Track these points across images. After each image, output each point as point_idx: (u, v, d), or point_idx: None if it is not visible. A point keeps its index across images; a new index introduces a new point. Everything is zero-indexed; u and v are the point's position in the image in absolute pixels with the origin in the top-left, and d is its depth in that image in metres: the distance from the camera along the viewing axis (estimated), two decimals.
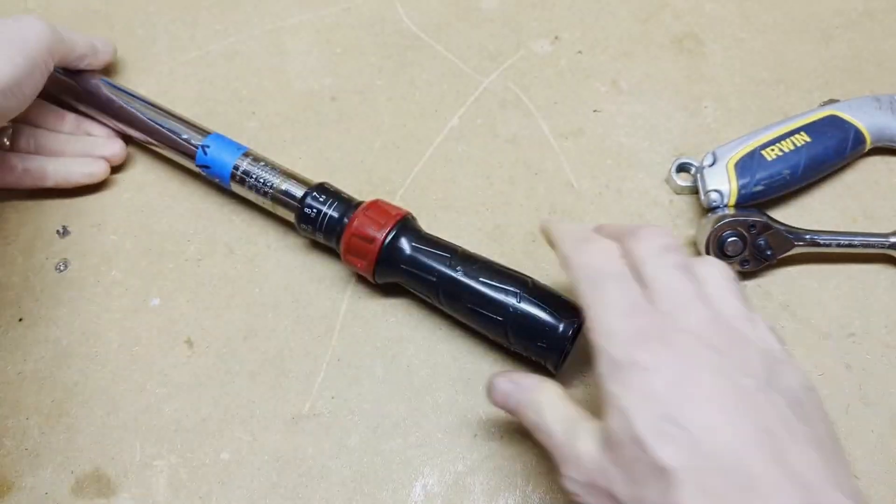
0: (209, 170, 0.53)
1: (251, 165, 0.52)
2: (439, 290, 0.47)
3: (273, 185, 0.51)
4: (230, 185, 0.53)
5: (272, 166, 0.53)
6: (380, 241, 0.48)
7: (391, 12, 0.67)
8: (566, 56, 0.64)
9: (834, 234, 0.52)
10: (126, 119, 0.56)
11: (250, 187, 0.52)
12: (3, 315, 0.51)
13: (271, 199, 0.52)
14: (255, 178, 0.52)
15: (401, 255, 0.48)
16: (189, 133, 0.54)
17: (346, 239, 0.49)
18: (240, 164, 0.52)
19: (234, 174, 0.52)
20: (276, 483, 0.46)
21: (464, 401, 0.48)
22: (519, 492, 0.45)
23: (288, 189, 0.51)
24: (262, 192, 0.52)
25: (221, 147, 0.53)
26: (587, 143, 0.59)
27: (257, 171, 0.52)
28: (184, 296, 0.52)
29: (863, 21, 0.66)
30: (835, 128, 0.55)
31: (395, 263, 0.48)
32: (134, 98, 0.56)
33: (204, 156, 0.53)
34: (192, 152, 0.54)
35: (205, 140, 0.54)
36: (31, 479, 0.46)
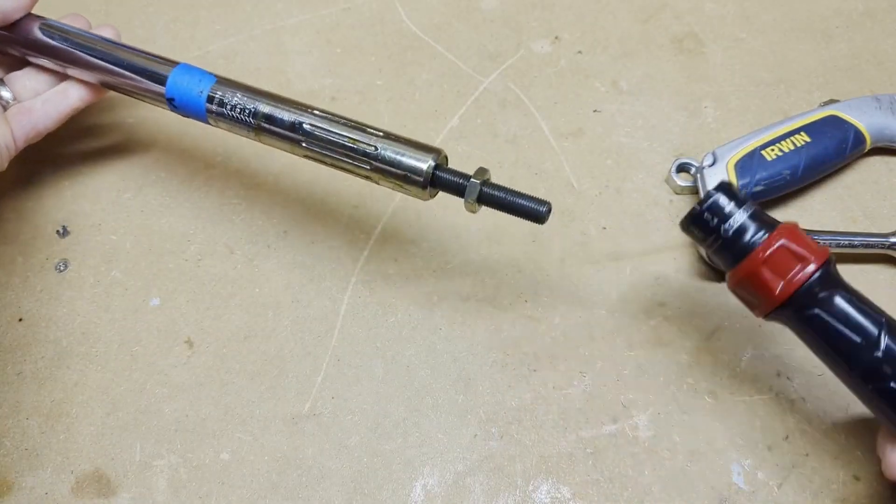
0: (182, 108, 0.48)
1: (227, 93, 0.47)
2: (851, 360, 0.40)
3: (256, 112, 0.46)
4: (207, 119, 0.48)
5: (251, 90, 0.47)
6: (813, 268, 0.40)
7: (391, 12, 0.67)
8: (566, 56, 0.64)
9: (834, 234, 0.52)
10: (77, 64, 0.51)
11: (229, 119, 0.47)
12: (3, 315, 0.51)
13: (255, 130, 0.46)
14: (233, 108, 0.46)
15: (822, 299, 0.40)
16: (154, 67, 0.49)
17: (766, 249, 0.40)
18: (214, 95, 0.47)
19: (209, 108, 0.47)
20: (276, 483, 0.46)
21: (464, 401, 0.48)
22: (519, 492, 0.45)
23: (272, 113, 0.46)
24: (243, 122, 0.46)
25: (191, 78, 0.48)
26: (587, 143, 0.59)
27: (236, 100, 0.46)
28: (184, 296, 0.52)
29: (863, 21, 0.66)
30: (835, 128, 0.55)
31: (811, 304, 0.40)
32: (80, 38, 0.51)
33: (173, 92, 0.48)
34: (160, 91, 0.49)
35: (171, 74, 0.48)
36: (31, 479, 0.46)
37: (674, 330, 0.51)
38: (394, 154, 0.43)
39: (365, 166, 0.44)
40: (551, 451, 0.46)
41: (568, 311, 0.52)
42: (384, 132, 0.44)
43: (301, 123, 0.45)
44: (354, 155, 0.44)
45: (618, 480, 0.45)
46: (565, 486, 0.45)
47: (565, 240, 0.55)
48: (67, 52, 0.50)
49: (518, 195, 0.43)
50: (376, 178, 0.45)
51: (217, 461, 0.46)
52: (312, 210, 0.56)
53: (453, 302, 0.52)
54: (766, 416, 0.48)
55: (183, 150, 0.59)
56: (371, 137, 0.44)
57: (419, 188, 0.43)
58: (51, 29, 0.51)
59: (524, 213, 0.43)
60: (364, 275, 0.53)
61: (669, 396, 0.48)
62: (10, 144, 0.50)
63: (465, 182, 0.43)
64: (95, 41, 0.50)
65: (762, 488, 0.45)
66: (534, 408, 0.48)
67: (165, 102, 0.49)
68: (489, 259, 0.54)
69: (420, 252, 0.54)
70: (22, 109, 0.51)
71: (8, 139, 0.50)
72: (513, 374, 0.49)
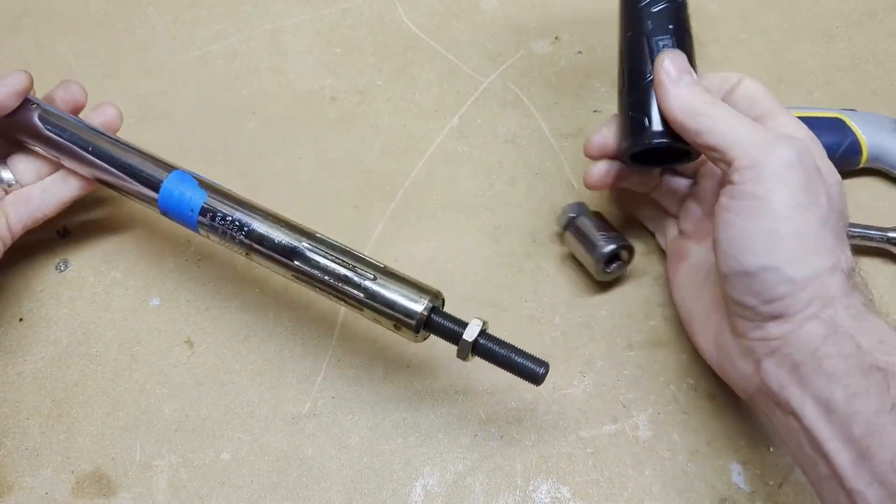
0: (172, 215, 0.46)
1: (219, 205, 0.44)
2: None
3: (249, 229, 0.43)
4: (198, 230, 0.46)
5: (245, 204, 0.45)
6: None
7: (391, 12, 0.67)
8: (566, 56, 0.64)
9: None
10: (73, 158, 0.49)
11: (220, 233, 0.44)
12: (3, 315, 0.51)
13: (245, 248, 0.44)
14: (223, 221, 0.44)
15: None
16: (149, 171, 0.47)
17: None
18: (207, 207, 0.45)
19: (201, 220, 0.45)
20: (276, 483, 0.46)
21: (464, 401, 0.48)
22: (519, 492, 0.45)
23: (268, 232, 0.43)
24: (232, 237, 0.44)
25: (184, 187, 0.46)
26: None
27: (227, 212, 0.44)
28: (184, 296, 0.52)
29: (863, 21, 0.66)
30: (835, 130, 0.55)
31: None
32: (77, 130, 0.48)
33: (165, 199, 0.46)
34: (151, 197, 0.46)
35: (165, 180, 0.46)
36: (31, 479, 0.46)
37: (674, 330, 0.51)
38: (390, 290, 0.41)
39: (356, 302, 0.41)
40: (551, 451, 0.46)
41: (568, 311, 0.52)
42: (382, 266, 0.42)
43: (294, 248, 0.42)
44: (346, 288, 0.41)
45: (618, 480, 0.45)
46: (565, 485, 0.45)
47: None
48: (63, 145, 0.48)
49: (516, 352, 0.40)
50: (369, 316, 0.42)
51: (217, 461, 0.46)
52: (312, 210, 0.56)
53: (453, 302, 0.52)
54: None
55: (183, 150, 0.59)
56: (367, 270, 0.41)
57: (411, 331, 0.41)
58: (49, 117, 0.49)
59: (519, 372, 0.40)
60: None
61: (669, 396, 0.48)
62: (5, 235, 0.48)
63: (460, 330, 0.40)
64: (93, 136, 0.48)
65: (762, 488, 0.45)
66: (534, 408, 0.48)
67: (157, 208, 0.47)
68: (489, 259, 0.54)
69: (420, 252, 0.54)
70: (21, 197, 0.49)
71: (3, 231, 0.48)
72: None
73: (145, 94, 0.62)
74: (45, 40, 0.65)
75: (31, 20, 0.67)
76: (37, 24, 0.66)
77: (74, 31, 0.66)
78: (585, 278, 0.53)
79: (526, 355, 0.40)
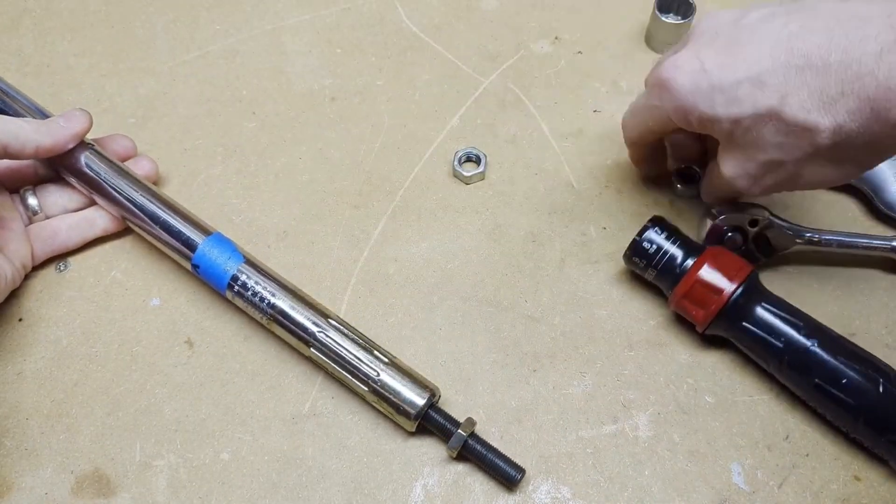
0: (205, 277, 0.49)
1: (249, 279, 0.48)
2: (784, 357, 0.45)
3: (275, 306, 0.47)
4: (226, 295, 0.49)
5: (272, 280, 0.48)
6: (727, 294, 0.46)
7: (391, 12, 0.67)
8: (566, 56, 0.64)
9: (835, 234, 0.52)
10: (113, 203, 0.51)
11: (248, 303, 0.48)
12: (3, 315, 0.51)
13: (270, 319, 0.47)
14: (252, 294, 0.47)
15: (746, 313, 0.46)
16: (186, 234, 0.49)
17: (687, 284, 0.47)
18: (238, 277, 0.48)
19: (231, 285, 0.48)
20: (276, 483, 0.46)
21: (464, 401, 0.48)
22: (519, 492, 0.45)
23: (290, 313, 0.47)
24: (260, 309, 0.48)
25: (217, 254, 0.49)
26: (587, 143, 0.59)
27: (256, 288, 0.47)
28: (184, 296, 0.52)
29: None
30: None
31: (737, 319, 0.46)
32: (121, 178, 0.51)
33: (198, 266, 0.49)
34: (187, 255, 0.49)
35: (200, 245, 0.49)
36: (31, 479, 0.46)
37: (674, 330, 0.51)
38: (393, 382, 0.45)
39: (364, 387, 0.46)
40: (551, 451, 0.46)
41: (568, 311, 0.52)
42: (389, 358, 0.46)
43: (314, 331, 0.46)
44: (357, 373, 0.46)
45: (618, 480, 0.45)
46: (565, 486, 0.45)
47: (565, 240, 0.55)
48: (106, 190, 0.51)
49: (498, 455, 0.44)
50: (371, 400, 0.46)
51: (217, 461, 0.46)
52: (312, 210, 0.56)
53: (453, 302, 0.52)
54: (766, 416, 0.48)
55: (184, 150, 0.59)
56: (376, 361, 0.46)
57: (409, 420, 0.45)
58: (96, 160, 0.51)
59: (498, 474, 0.44)
60: (364, 275, 0.53)
61: (669, 396, 0.48)
62: (27, 264, 0.51)
63: (453, 428, 0.45)
64: (136, 187, 0.51)
65: (762, 488, 0.45)
66: (534, 408, 0.48)
67: (189, 264, 0.50)
68: (489, 259, 0.54)
69: (420, 252, 0.54)
70: (47, 229, 0.52)
71: (27, 259, 0.51)
72: (513, 374, 0.49)
73: (145, 94, 0.62)
74: (45, 40, 0.65)
75: (31, 20, 0.67)
76: (37, 24, 0.66)
77: (74, 31, 0.66)
78: (585, 278, 0.53)
79: (507, 460, 0.44)
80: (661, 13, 0.62)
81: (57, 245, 0.52)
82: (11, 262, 0.49)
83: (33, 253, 0.51)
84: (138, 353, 0.50)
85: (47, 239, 0.52)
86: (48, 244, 0.52)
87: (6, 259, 0.49)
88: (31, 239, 0.51)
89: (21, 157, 0.47)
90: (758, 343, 0.46)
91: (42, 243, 0.52)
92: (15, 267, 0.49)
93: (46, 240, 0.52)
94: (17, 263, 0.50)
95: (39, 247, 0.51)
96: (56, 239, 0.52)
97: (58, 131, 0.49)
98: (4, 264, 0.48)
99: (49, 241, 0.52)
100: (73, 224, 0.52)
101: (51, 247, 0.52)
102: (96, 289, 0.53)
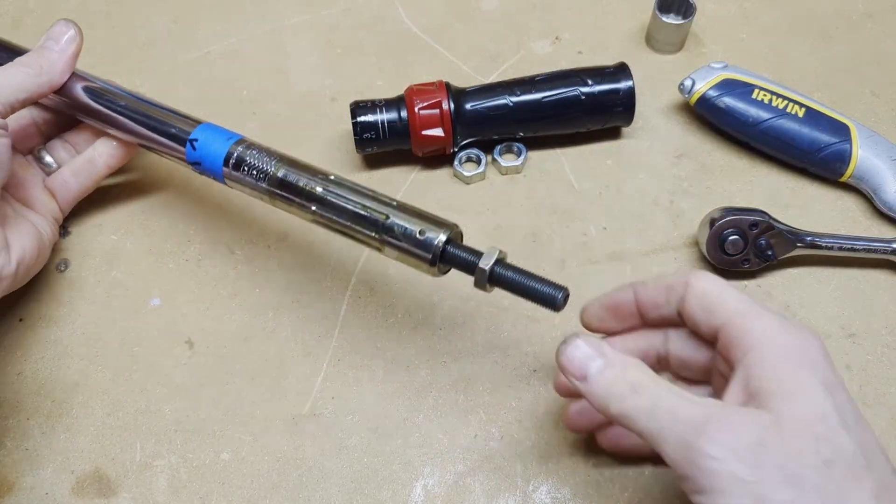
0: (201, 166, 0.48)
1: (245, 153, 0.46)
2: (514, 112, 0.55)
3: (269, 174, 0.45)
4: (224, 180, 0.47)
5: (269, 153, 0.46)
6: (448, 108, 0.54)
7: (391, 12, 0.67)
8: (566, 56, 0.64)
9: (836, 237, 0.52)
10: (109, 122, 0.51)
11: (244, 182, 0.46)
12: (3, 315, 0.51)
13: (267, 194, 0.45)
14: (248, 169, 0.45)
15: (470, 108, 0.54)
16: (177, 126, 0.49)
17: (416, 122, 0.54)
18: (232, 153, 0.46)
19: (225, 169, 0.46)
20: (276, 483, 0.46)
21: (464, 401, 0.48)
22: (519, 492, 0.45)
23: (286, 176, 0.45)
24: (255, 185, 0.46)
25: (211, 138, 0.47)
26: (587, 143, 0.59)
27: (251, 160, 0.45)
28: (184, 296, 0.52)
29: (863, 21, 0.66)
30: (833, 130, 0.54)
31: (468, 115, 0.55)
32: (115, 94, 0.51)
33: (193, 151, 0.48)
34: (180, 151, 0.48)
35: (193, 132, 0.48)
36: (31, 479, 0.46)
37: None
38: (404, 224, 0.41)
39: (373, 236, 0.42)
40: (551, 452, 0.46)
41: (568, 311, 0.51)
42: (398, 202, 0.43)
43: (314, 187, 0.44)
44: (365, 224, 0.42)
45: (618, 480, 0.45)
46: (565, 486, 0.45)
47: (565, 240, 0.55)
48: (105, 114, 0.51)
49: (533, 278, 0.39)
50: (385, 250, 0.43)
51: (217, 461, 0.46)
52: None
53: (453, 302, 0.52)
54: None
55: None
56: (383, 207, 0.42)
57: (427, 263, 0.41)
58: (88, 87, 0.51)
59: (538, 298, 0.39)
60: (364, 275, 0.53)
61: None
62: (57, 215, 0.52)
63: (475, 259, 0.40)
64: (130, 99, 0.51)
65: None
66: (534, 408, 0.48)
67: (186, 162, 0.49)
68: None
69: None
70: (58, 180, 0.53)
71: (56, 213, 0.52)
72: (513, 374, 0.49)
73: (146, 94, 0.62)
74: None
75: (31, 20, 0.67)
76: (37, 24, 0.66)
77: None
78: (586, 278, 0.53)
79: (544, 281, 0.39)
80: (661, 13, 0.62)
81: (73, 191, 0.53)
82: (45, 218, 0.51)
83: (59, 205, 0.53)
84: (138, 353, 0.50)
85: (62, 188, 0.53)
86: (66, 193, 0.53)
87: (41, 216, 0.50)
88: (54, 192, 0.52)
89: (27, 103, 0.47)
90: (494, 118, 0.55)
91: (61, 193, 0.53)
92: (49, 221, 0.51)
93: (62, 189, 0.53)
94: (49, 218, 0.51)
95: (61, 197, 0.53)
96: (69, 186, 0.53)
97: (55, 61, 0.48)
98: (40, 220, 0.50)
99: (65, 190, 0.53)
100: (77, 169, 0.53)
101: (70, 194, 0.53)
102: (96, 289, 0.53)
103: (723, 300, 0.36)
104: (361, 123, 0.54)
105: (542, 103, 0.55)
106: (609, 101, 0.55)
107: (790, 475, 0.30)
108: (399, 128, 0.54)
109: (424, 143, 0.55)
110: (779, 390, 0.32)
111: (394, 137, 0.55)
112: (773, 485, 0.30)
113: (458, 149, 0.57)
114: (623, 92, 0.55)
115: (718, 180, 0.57)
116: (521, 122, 0.56)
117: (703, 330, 0.37)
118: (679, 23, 0.62)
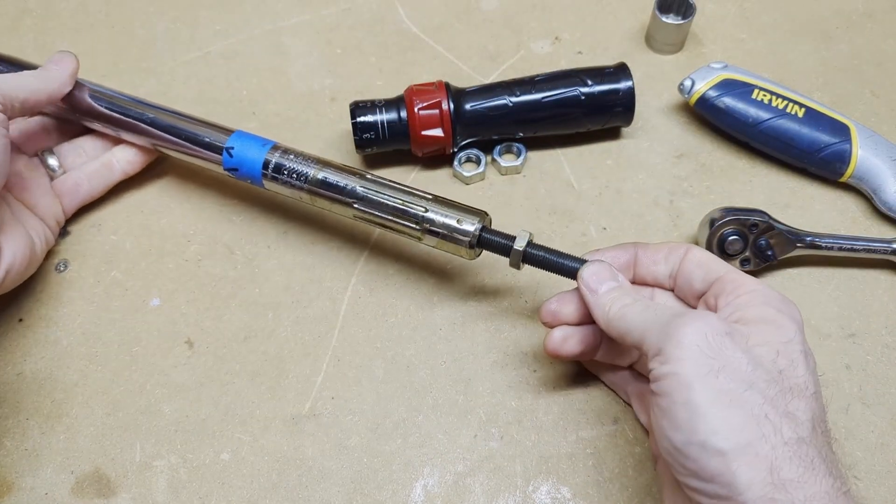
0: (238, 172, 0.51)
1: (282, 159, 0.49)
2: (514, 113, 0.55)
3: (309, 177, 0.48)
4: (263, 183, 0.50)
5: (305, 157, 0.49)
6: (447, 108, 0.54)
7: (391, 12, 0.67)
8: (566, 56, 0.64)
9: (836, 238, 0.52)
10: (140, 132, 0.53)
11: (284, 183, 0.49)
12: (3, 315, 0.51)
13: (308, 193, 0.49)
14: (288, 173, 0.49)
15: (470, 109, 0.55)
16: (211, 136, 0.51)
17: (416, 122, 0.54)
18: (270, 160, 0.49)
19: (265, 173, 0.49)
20: (276, 483, 0.46)
21: (464, 401, 0.48)
22: (519, 492, 0.45)
23: (326, 178, 0.48)
24: (297, 186, 0.49)
25: (246, 145, 0.50)
26: (587, 142, 0.59)
27: (290, 165, 0.49)
28: (184, 296, 0.52)
29: (863, 22, 0.66)
30: (833, 130, 0.54)
31: (468, 116, 0.55)
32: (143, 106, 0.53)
33: (230, 158, 0.50)
34: (217, 159, 0.51)
35: (228, 140, 0.51)
36: (31, 479, 0.46)
37: None
38: (443, 217, 0.46)
39: (415, 228, 0.47)
40: (551, 452, 0.46)
41: None
42: (432, 196, 0.47)
43: (354, 186, 0.48)
44: (406, 217, 0.47)
45: (618, 481, 0.45)
46: (565, 486, 0.45)
47: (566, 240, 0.55)
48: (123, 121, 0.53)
49: (559, 255, 0.45)
50: (426, 239, 0.47)
51: (217, 461, 0.46)
52: (312, 210, 0.56)
53: (453, 302, 0.52)
54: None
55: None
56: (420, 201, 0.47)
57: (467, 248, 0.46)
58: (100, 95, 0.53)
59: (564, 272, 0.45)
60: (364, 275, 0.53)
61: None
62: (60, 219, 0.53)
63: (510, 243, 0.46)
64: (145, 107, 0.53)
65: None
66: (534, 408, 0.48)
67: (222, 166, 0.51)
68: (489, 259, 0.54)
69: (420, 252, 0.54)
70: (69, 182, 0.53)
71: (59, 214, 0.53)
72: (513, 374, 0.49)
73: (145, 95, 0.61)
74: (45, 40, 0.65)
75: (31, 20, 0.67)
76: (37, 24, 0.67)
77: (74, 31, 0.66)
78: None
79: (569, 256, 0.45)
80: (661, 13, 0.62)
81: (82, 196, 0.54)
82: (43, 221, 0.51)
83: (64, 207, 0.53)
84: (138, 353, 0.50)
85: (72, 191, 0.53)
86: (75, 196, 0.54)
87: (38, 219, 0.51)
88: (60, 196, 0.53)
89: (36, 108, 0.49)
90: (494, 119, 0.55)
91: (69, 197, 0.53)
92: (48, 225, 0.52)
93: (71, 193, 0.53)
94: (51, 221, 0.52)
95: (67, 201, 0.53)
96: (80, 190, 0.54)
97: (56, 75, 0.50)
98: (37, 225, 0.51)
99: (74, 194, 0.54)
100: (93, 172, 0.54)
101: (78, 198, 0.54)
102: (96, 289, 0.53)
103: (718, 263, 0.42)
104: (361, 124, 0.54)
105: (542, 103, 0.55)
106: (609, 102, 0.55)
107: (744, 370, 0.35)
108: (399, 128, 0.54)
109: (424, 143, 0.55)
110: (759, 319, 0.38)
111: (393, 138, 0.55)
112: (728, 370, 0.34)
113: (458, 149, 0.57)
114: (623, 92, 0.55)
115: (718, 180, 0.57)
116: (520, 122, 0.56)
117: (696, 285, 0.42)
118: (679, 23, 0.62)
